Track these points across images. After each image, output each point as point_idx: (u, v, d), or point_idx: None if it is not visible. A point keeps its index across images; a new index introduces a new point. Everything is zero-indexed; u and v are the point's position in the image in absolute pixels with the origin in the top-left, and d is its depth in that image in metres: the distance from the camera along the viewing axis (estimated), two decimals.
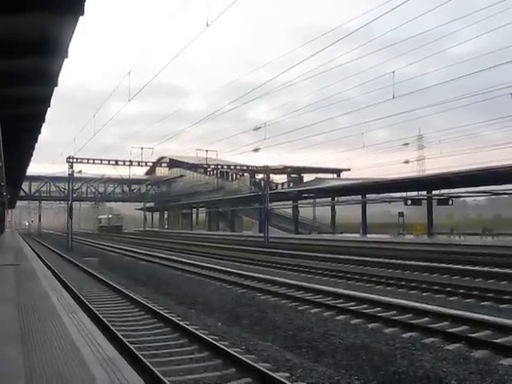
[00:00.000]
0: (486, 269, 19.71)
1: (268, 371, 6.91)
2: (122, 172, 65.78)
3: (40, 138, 19.41)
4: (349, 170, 68.18)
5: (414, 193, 47.20)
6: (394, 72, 23.18)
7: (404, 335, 9.40)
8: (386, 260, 23.98)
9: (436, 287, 15.63)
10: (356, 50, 44.36)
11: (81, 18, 7.30)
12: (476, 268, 20.11)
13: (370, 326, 10.30)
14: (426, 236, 45.03)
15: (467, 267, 20.44)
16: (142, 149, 45.95)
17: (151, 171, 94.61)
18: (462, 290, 14.88)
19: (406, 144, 45.38)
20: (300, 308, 12.40)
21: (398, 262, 23.13)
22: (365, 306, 12.50)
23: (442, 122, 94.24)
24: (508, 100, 24.08)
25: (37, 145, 21.41)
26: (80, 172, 51.87)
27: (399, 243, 37.36)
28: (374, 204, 56.52)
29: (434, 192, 45.27)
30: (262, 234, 48.09)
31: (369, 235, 49.52)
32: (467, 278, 17.89)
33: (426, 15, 20.93)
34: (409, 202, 46.28)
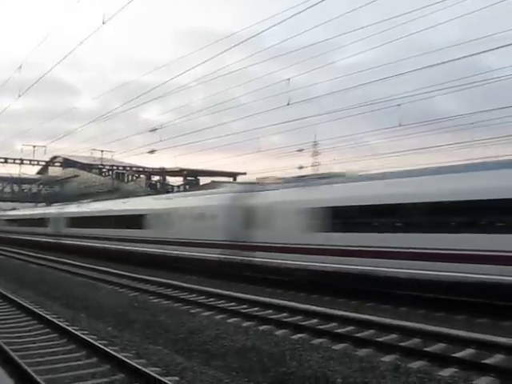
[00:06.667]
0: None
1: (157, 375, 6.83)
2: (12, 170, 62.72)
3: None
4: (245, 173, 68.85)
5: None
6: (289, 79, 23.62)
7: (294, 336, 9.67)
8: None
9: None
10: (250, 57, 44.86)
11: None
12: None
13: (261, 328, 10.48)
14: None
15: None
16: (35, 147, 43.72)
17: (44, 170, 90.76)
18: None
19: (301, 150, 46.42)
20: (192, 311, 12.39)
21: None
22: (256, 308, 12.72)
23: (333, 130, 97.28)
24: (395, 111, 25.33)
25: None
26: None
27: None
28: None
29: None
30: None
31: None
32: None
33: (316, 28, 21.44)
34: None
